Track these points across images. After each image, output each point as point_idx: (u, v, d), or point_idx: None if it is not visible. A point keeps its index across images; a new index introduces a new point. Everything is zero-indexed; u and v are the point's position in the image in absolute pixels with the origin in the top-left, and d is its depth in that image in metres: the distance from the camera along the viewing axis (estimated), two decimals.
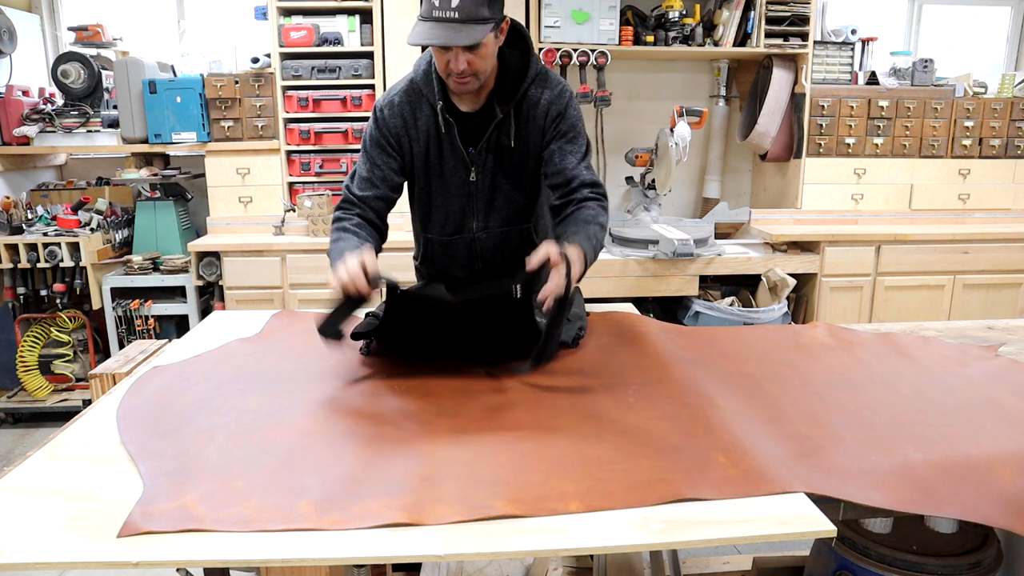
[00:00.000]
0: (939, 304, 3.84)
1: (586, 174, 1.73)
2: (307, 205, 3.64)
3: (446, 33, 1.52)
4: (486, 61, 1.61)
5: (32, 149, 3.76)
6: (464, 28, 1.52)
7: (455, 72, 1.60)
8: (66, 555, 0.92)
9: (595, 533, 0.97)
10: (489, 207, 1.82)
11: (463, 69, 1.58)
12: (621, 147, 4.14)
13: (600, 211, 1.70)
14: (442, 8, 1.51)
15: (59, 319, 3.78)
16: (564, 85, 1.76)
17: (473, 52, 1.57)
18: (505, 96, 1.71)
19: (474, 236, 1.85)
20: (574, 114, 1.76)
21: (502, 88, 1.71)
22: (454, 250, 1.88)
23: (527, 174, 1.79)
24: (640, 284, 3.52)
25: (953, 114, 3.99)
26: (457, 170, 1.78)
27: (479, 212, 1.82)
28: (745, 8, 3.77)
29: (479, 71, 1.61)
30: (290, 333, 1.81)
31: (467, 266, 1.90)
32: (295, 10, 3.67)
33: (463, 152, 1.75)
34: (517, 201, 1.82)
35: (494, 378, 1.52)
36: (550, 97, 1.72)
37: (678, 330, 1.92)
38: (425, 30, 1.54)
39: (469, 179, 1.78)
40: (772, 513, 1.02)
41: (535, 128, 1.74)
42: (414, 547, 0.94)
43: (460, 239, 1.86)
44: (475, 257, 1.88)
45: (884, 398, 1.45)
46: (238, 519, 0.99)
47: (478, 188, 1.79)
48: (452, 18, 1.51)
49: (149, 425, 1.29)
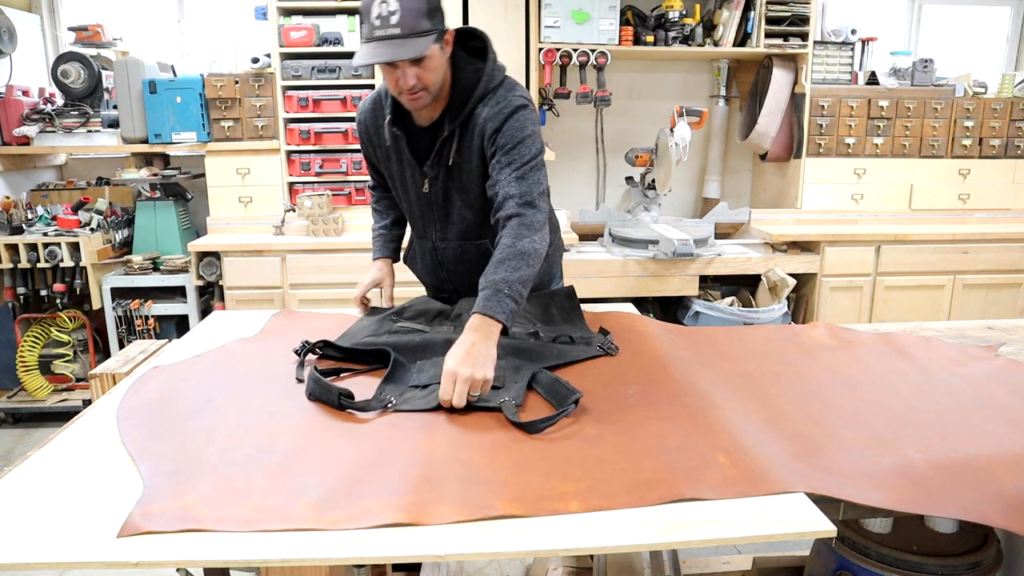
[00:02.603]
0: (939, 304, 3.84)
1: (513, 186, 1.63)
2: (307, 205, 3.64)
3: (390, 50, 1.53)
4: (435, 73, 1.61)
5: (32, 149, 3.76)
6: (407, 42, 1.52)
7: (405, 89, 1.60)
8: (66, 555, 0.92)
9: (595, 533, 0.97)
10: (445, 220, 1.85)
11: (413, 84, 1.58)
12: (621, 147, 4.14)
13: (521, 232, 1.57)
14: (383, 27, 1.52)
15: (59, 319, 3.78)
16: (510, 99, 1.69)
17: (420, 66, 1.57)
18: (454, 113, 1.70)
19: (434, 245, 1.90)
20: (515, 125, 1.67)
21: (452, 105, 1.70)
22: (423, 255, 1.97)
23: (475, 192, 1.77)
24: (640, 284, 3.52)
25: (953, 114, 3.99)
26: (414, 179, 1.81)
27: (436, 223, 1.86)
28: (745, 8, 3.77)
29: (429, 84, 1.61)
30: (290, 333, 1.81)
31: (433, 272, 1.98)
32: (295, 10, 3.67)
33: (415, 164, 1.78)
34: (468, 218, 1.82)
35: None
36: (488, 115, 1.68)
37: (678, 330, 1.92)
38: (369, 50, 1.54)
39: (423, 191, 1.81)
40: (772, 513, 1.02)
41: (476, 147, 1.71)
42: (414, 547, 0.94)
43: (426, 245, 1.94)
44: (439, 266, 1.94)
45: (884, 398, 1.45)
46: (238, 519, 0.99)
47: (432, 201, 1.82)
48: (394, 35, 1.52)
49: (149, 425, 1.29)
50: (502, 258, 1.54)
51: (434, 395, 1.38)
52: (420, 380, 1.46)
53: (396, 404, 1.36)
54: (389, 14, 1.51)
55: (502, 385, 1.43)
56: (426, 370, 1.50)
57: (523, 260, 1.53)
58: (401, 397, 1.39)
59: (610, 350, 1.66)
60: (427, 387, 1.43)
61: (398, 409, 1.34)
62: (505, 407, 1.32)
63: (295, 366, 1.57)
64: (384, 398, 1.37)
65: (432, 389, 1.41)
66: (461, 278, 1.92)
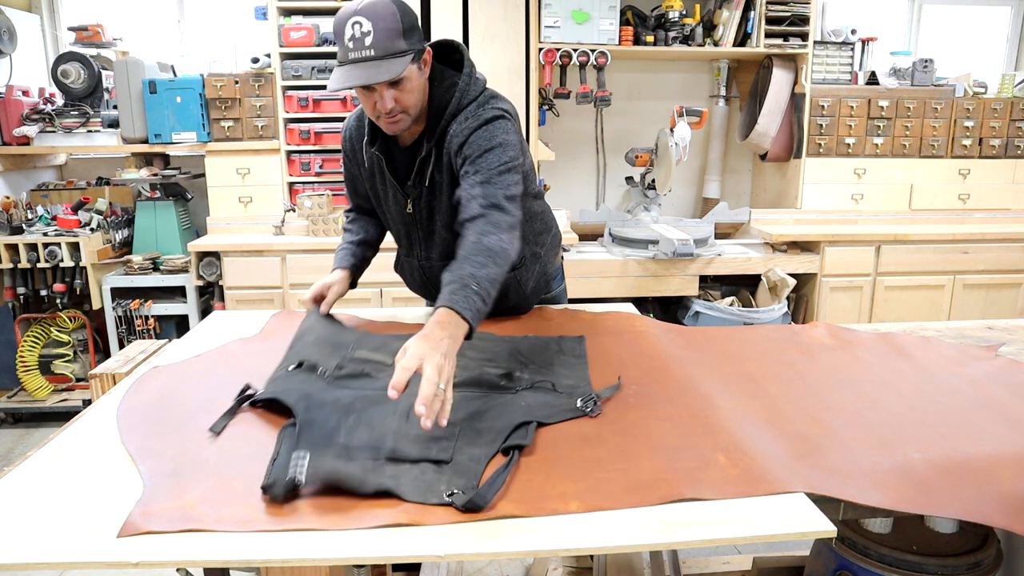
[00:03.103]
0: (939, 304, 3.84)
1: (476, 189, 1.54)
2: (307, 205, 3.65)
3: (366, 73, 1.48)
4: (413, 95, 1.57)
5: (32, 149, 3.76)
6: (383, 64, 1.48)
7: (384, 113, 1.56)
8: (66, 555, 0.92)
9: (595, 533, 0.97)
10: (429, 238, 1.82)
11: (391, 107, 1.54)
12: (621, 147, 4.14)
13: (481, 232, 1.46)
14: (357, 48, 1.48)
15: (59, 319, 3.78)
16: (480, 114, 1.63)
17: (397, 88, 1.53)
18: (430, 132, 1.66)
19: (420, 264, 1.88)
20: (484, 135, 1.60)
21: (428, 124, 1.67)
22: (412, 270, 1.93)
23: (453, 211, 1.67)
24: (640, 284, 3.52)
25: (953, 114, 3.99)
26: (397, 199, 1.78)
27: (421, 242, 1.84)
28: (745, 8, 3.77)
29: (408, 107, 1.57)
30: (290, 333, 1.80)
31: (423, 287, 1.95)
32: (295, 10, 3.67)
33: (397, 185, 1.75)
34: (449, 238, 1.73)
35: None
36: (456, 130, 1.63)
37: (678, 330, 1.92)
38: (343, 74, 1.50)
39: (406, 210, 1.78)
40: (772, 513, 1.02)
41: (448, 163, 1.66)
42: (414, 547, 0.94)
43: (413, 262, 1.91)
44: (428, 282, 1.91)
45: (884, 398, 1.45)
46: (238, 519, 0.98)
47: (415, 220, 1.80)
48: (368, 57, 1.48)
49: (149, 425, 1.29)
50: (466, 255, 1.40)
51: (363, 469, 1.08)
52: (349, 441, 1.16)
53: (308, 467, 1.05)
54: (363, 35, 1.47)
55: (449, 459, 1.13)
56: (358, 432, 1.19)
57: (490, 257, 1.40)
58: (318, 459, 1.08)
59: (590, 412, 1.32)
60: (354, 454, 1.13)
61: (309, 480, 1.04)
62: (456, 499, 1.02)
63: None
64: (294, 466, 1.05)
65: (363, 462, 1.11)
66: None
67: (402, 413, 1.24)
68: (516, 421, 1.25)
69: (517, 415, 1.27)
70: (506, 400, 1.36)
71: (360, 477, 1.05)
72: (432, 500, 1.03)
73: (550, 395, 1.40)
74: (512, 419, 1.25)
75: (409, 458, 1.12)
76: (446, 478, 1.08)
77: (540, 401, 1.36)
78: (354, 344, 1.59)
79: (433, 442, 1.16)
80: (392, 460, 1.12)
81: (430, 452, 1.14)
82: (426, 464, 1.12)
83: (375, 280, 3.58)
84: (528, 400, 1.36)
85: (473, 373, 1.44)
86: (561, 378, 1.48)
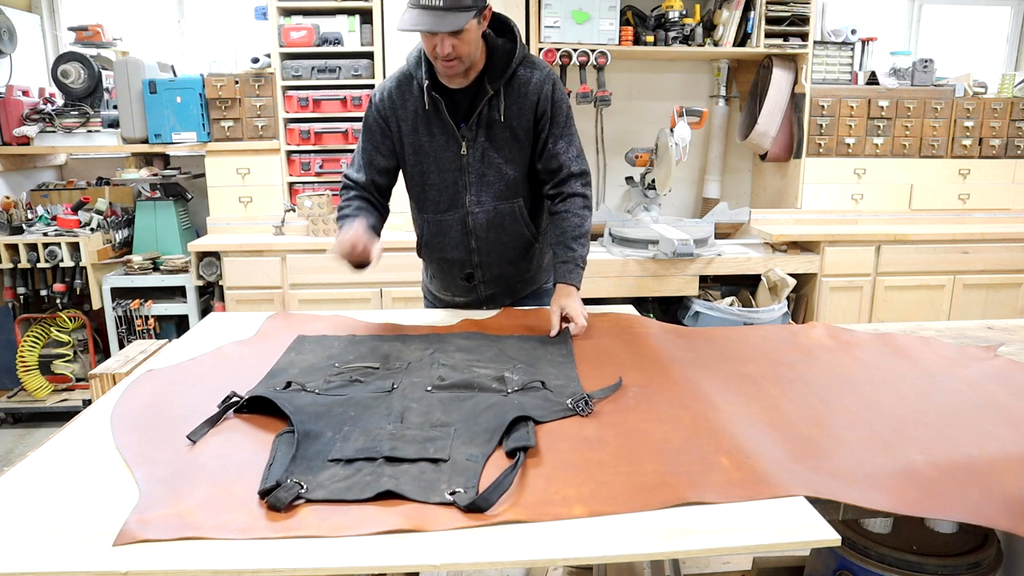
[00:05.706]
0: (939, 304, 3.83)
1: (575, 164, 1.92)
2: (307, 205, 3.64)
3: (432, 20, 1.64)
4: (470, 46, 1.74)
5: (32, 149, 3.76)
6: (448, 15, 1.64)
7: (441, 56, 1.72)
8: (60, 564, 0.90)
9: (596, 542, 0.96)
10: (481, 181, 1.91)
11: (448, 52, 1.71)
12: (621, 147, 4.13)
13: (585, 213, 1.93)
14: None
15: (59, 319, 3.78)
16: (550, 69, 1.90)
17: (457, 37, 1.69)
18: (495, 75, 1.83)
19: (467, 211, 1.93)
20: (563, 97, 1.90)
21: (492, 67, 1.83)
22: (449, 229, 1.97)
23: (517, 148, 1.89)
24: (640, 284, 3.51)
25: (953, 114, 3.98)
26: (449, 145, 1.88)
27: (471, 186, 1.91)
28: (745, 8, 3.76)
29: (463, 55, 1.73)
30: (285, 335, 1.80)
31: (462, 245, 1.99)
32: (295, 10, 3.67)
33: (453, 127, 1.85)
34: (508, 175, 1.91)
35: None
36: (541, 77, 1.86)
37: (678, 331, 1.91)
38: (412, 16, 1.66)
39: (460, 153, 1.88)
40: (775, 521, 1.01)
41: (527, 104, 1.85)
42: (413, 555, 0.93)
43: (454, 216, 1.95)
44: (469, 234, 1.96)
45: (885, 399, 1.45)
46: (237, 526, 0.98)
47: (469, 163, 1.89)
48: (437, 6, 1.64)
49: (144, 430, 1.28)
50: (576, 235, 1.90)
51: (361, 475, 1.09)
52: (344, 452, 1.15)
53: (307, 493, 1.04)
54: None
55: (447, 458, 1.14)
56: (352, 439, 1.19)
57: (588, 239, 1.94)
58: (315, 480, 1.07)
59: (581, 411, 1.34)
60: (352, 462, 1.13)
61: (310, 499, 1.04)
62: (458, 499, 1.03)
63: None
64: (291, 484, 1.05)
65: (360, 467, 1.11)
66: (491, 246, 1.97)
67: (396, 416, 1.28)
68: (510, 419, 1.26)
69: (511, 414, 1.28)
70: (499, 401, 1.38)
71: (359, 490, 1.06)
72: (434, 499, 1.03)
73: (540, 395, 1.42)
74: (506, 418, 1.26)
75: (407, 458, 1.14)
76: (446, 477, 1.09)
77: (532, 402, 1.37)
78: (340, 356, 1.61)
79: (429, 442, 1.19)
80: (390, 460, 1.13)
81: (427, 451, 1.16)
82: (424, 463, 1.13)
83: (375, 280, 3.62)
84: (520, 400, 1.38)
85: (464, 375, 1.48)
86: (550, 377, 1.51)
